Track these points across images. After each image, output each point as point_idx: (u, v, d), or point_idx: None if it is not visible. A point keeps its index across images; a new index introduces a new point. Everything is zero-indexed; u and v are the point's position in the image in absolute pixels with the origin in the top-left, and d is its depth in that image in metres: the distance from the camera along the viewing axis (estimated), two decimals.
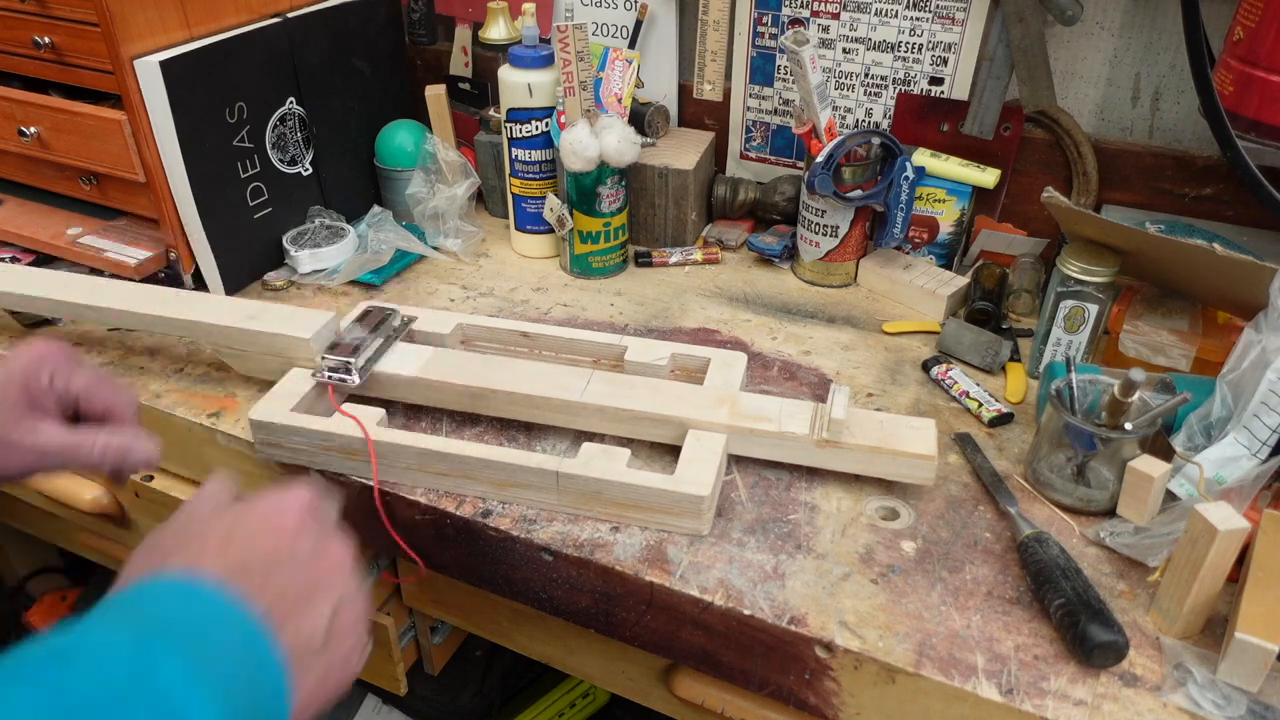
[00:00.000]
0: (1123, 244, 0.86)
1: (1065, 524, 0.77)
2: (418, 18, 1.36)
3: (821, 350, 1.01)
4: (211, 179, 1.03)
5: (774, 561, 0.74)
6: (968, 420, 0.90)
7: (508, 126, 1.14)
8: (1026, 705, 0.63)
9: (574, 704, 1.35)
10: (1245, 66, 0.83)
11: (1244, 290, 0.79)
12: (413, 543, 0.83)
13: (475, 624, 0.97)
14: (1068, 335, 0.90)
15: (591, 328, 1.03)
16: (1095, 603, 0.65)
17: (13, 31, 1.00)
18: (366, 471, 0.82)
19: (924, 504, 0.80)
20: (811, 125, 1.06)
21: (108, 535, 1.13)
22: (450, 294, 1.12)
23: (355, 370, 0.86)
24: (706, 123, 1.27)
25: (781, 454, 0.81)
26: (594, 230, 1.12)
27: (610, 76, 1.12)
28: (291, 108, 1.12)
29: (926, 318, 1.06)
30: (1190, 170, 1.02)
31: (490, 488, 0.80)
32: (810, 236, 1.11)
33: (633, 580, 0.74)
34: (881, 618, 0.69)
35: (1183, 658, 0.65)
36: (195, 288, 1.08)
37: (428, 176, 1.21)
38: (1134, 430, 0.74)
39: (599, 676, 0.93)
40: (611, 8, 1.24)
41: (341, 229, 1.17)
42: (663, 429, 0.82)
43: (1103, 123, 1.07)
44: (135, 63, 0.94)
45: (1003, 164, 1.09)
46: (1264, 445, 0.72)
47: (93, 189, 1.08)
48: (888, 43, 1.11)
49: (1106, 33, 1.02)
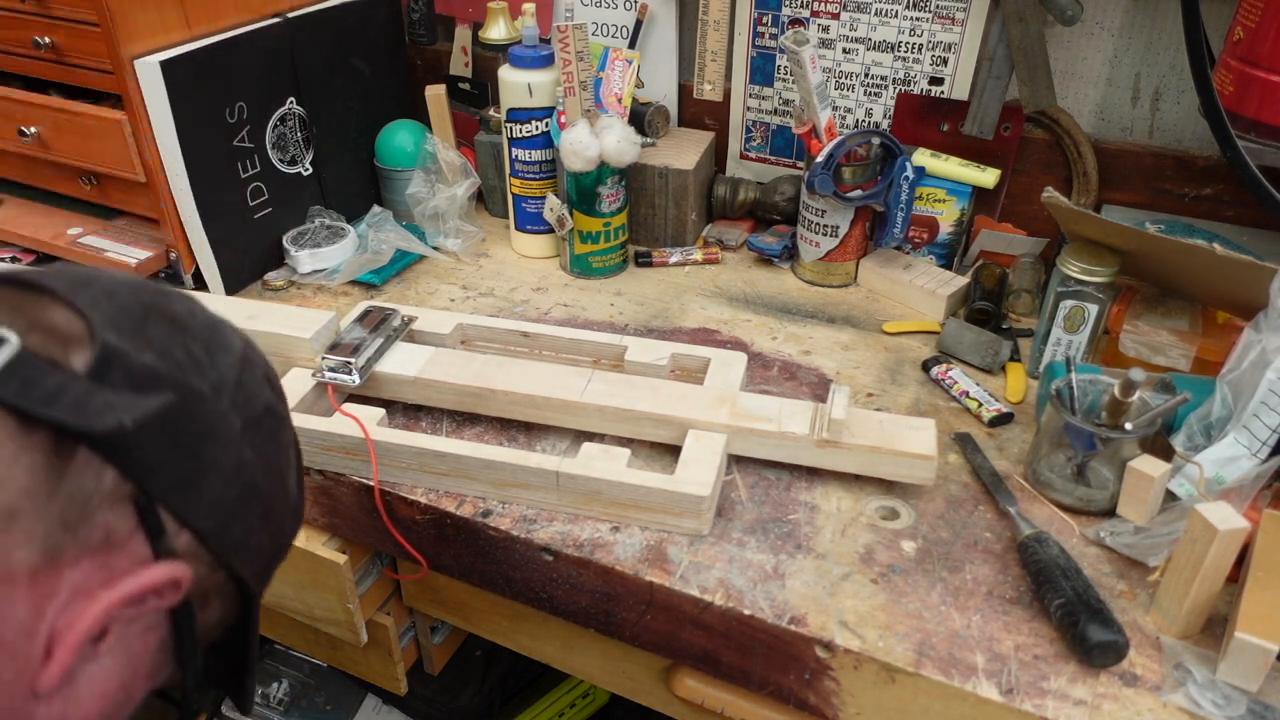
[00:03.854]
0: (1123, 244, 0.86)
1: (1065, 524, 0.77)
2: (418, 18, 1.36)
3: (821, 350, 1.01)
4: (211, 179, 1.03)
5: (774, 561, 0.74)
6: (968, 420, 0.90)
7: (508, 126, 1.14)
8: (1026, 705, 0.63)
9: (574, 704, 1.35)
10: (1245, 66, 0.83)
11: (1244, 290, 0.79)
12: (413, 542, 0.83)
13: (475, 624, 0.97)
14: (1068, 335, 0.90)
15: (591, 328, 1.03)
16: (1095, 603, 0.65)
17: (13, 31, 1.00)
18: (367, 471, 0.82)
19: (924, 504, 0.80)
20: (811, 125, 1.06)
21: None
22: (450, 294, 1.12)
23: (355, 370, 0.86)
24: (706, 123, 1.27)
25: (781, 454, 0.81)
26: (594, 230, 1.12)
27: (610, 76, 1.12)
28: (291, 108, 1.12)
29: (926, 318, 1.06)
30: (1190, 170, 1.02)
31: (490, 488, 0.80)
32: (810, 236, 1.11)
33: (633, 580, 0.74)
34: (881, 617, 0.69)
35: (1183, 657, 0.65)
36: (195, 288, 1.08)
37: (428, 176, 1.21)
38: (1134, 430, 0.74)
39: (599, 676, 0.93)
40: (611, 8, 1.24)
41: (341, 229, 1.17)
42: (663, 429, 0.82)
43: (1103, 123, 1.07)
44: (135, 63, 0.94)
45: (1003, 164, 1.09)
46: (1264, 445, 0.72)
47: (93, 189, 1.08)
48: (888, 43, 1.11)
49: (1106, 33, 1.02)
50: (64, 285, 0.46)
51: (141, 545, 0.44)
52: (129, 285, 0.49)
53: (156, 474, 0.44)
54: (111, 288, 0.48)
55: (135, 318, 0.47)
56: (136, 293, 0.49)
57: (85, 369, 0.43)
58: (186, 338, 0.48)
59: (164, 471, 0.45)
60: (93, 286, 0.47)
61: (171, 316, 0.49)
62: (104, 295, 0.46)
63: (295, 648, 1.19)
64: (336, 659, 1.06)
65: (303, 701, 1.21)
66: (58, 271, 0.48)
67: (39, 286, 0.46)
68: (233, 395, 0.49)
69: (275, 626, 1.04)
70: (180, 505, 0.46)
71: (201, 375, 0.47)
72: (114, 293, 0.47)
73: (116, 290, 0.47)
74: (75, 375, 0.43)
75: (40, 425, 0.41)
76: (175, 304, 0.50)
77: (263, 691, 1.19)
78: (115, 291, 0.47)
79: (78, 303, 0.45)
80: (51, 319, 0.45)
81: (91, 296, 0.46)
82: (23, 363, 0.42)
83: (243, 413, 0.49)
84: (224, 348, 0.50)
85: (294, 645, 1.16)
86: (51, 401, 0.41)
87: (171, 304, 0.50)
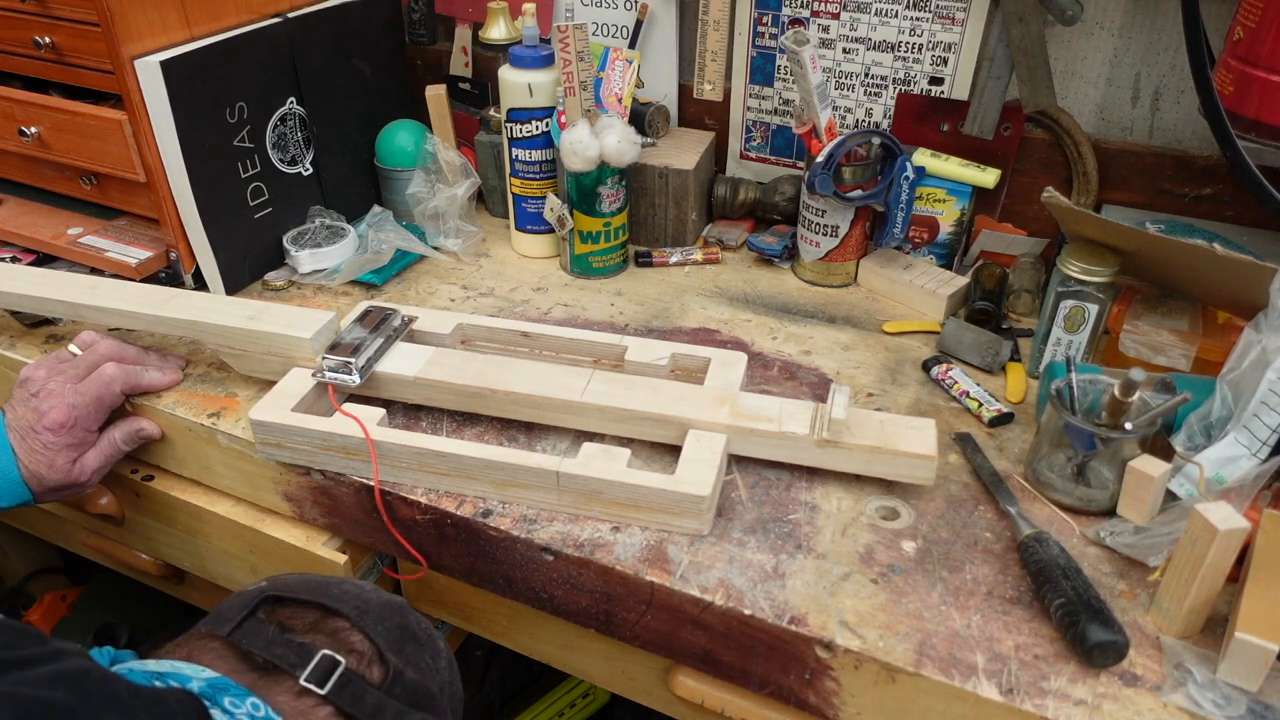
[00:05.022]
0: (1123, 244, 0.86)
1: (1065, 524, 0.77)
2: (418, 18, 1.36)
3: (821, 350, 1.01)
4: (212, 179, 1.03)
5: (774, 561, 0.74)
6: (968, 420, 0.90)
7: (508, 126, 1.14)
8: (1027, 705, 0.63)
9: (574, 704, 1.35)
10: (1245, 66, 0.83)
11: (1244, 290, 0.79)
12: (413, 542, 0.83)
13: (475, 624, 0.97)
14: (1068, 335, 0.90)
15: (592, 328, 1.03)
16: (1095, 602, 0.65)
17: (13, 31, 1.00)
18: (367, 471, 0.82)
19: (924, 504, 0.80)
20: (811, 125, 1.06)
21: (108, 535, 1.12)
22: (450, 294, 1.13)
23: (355, 370, 0.86)
24: (706, 123, 1.27)
25: (782, 454, 0.81)
26: (594, 230, 1.12)
27: (610, 76, 1.12)
28: (292, 108, 1.12)
29: (926, 318, 1.07)
30: (1190, 170, 1.02)
31: (490, 488, 0.80)
32: (810, 236, 1.11)
33: (633, 580, 0.74)
34: (882, 617, 0.69)
35: (1183, 657, 0.65)
36: (196, 288, 1.08)
37: (428, 176, 1.22)
38: (1134, 430, 0.74)
39: (599, 676, 0.93)
40: (611, 8, 1.24)
41: (342, 229, 1.17)
42: (663, 429, 0.82)
43: (1103, 123, 1.07)
44: (136, 63, 0.94)
45: (1003, 164, 1.09)
46: (1264, 445, 0.72)
47: (93, 189, 1.08)
48: (888, 43, 1.11)
49: (1106, 33, 1.02)
50: (353, 612, 0.64)
51: None
52: (387, 608, 0.67)
53: None
54: (380, 613, 0.66)
55: (398, 638, 0.65)
56: (392, 614, 0.67)
57: (380, 683, 0.61)
58: (423, 650, 0.67)
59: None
60: (369, 612, 0.65)
61: (413, 634, 0.67)
62: (378, 620, 0.65)
63: None
64: None
65: None
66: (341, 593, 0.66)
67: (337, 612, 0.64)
68: (449, 691, 0.68)
69: None
70: None
71: (435, 679, 0.66)
72: (383, 618, 0.65)
73: (383, 615, 0.66)
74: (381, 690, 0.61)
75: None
76: (411, 621, 0.68)
77: None
78: (383, 616, 0.66)
79: (368, 630, 0.63)
80: (354, 643, 0.63)
81: (372, 623, 0.64)
82: (349, 680, 0.60)
83: (451, 703, 0.68)
84: (439, 654, 0.69)
85: None
86: (376, 714, 0.60)
87: (410, 622, 0.68)
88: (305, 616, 0.63)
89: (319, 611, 0.64)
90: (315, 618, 0.64)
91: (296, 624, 0.63)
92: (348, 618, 0.64)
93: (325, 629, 0.63)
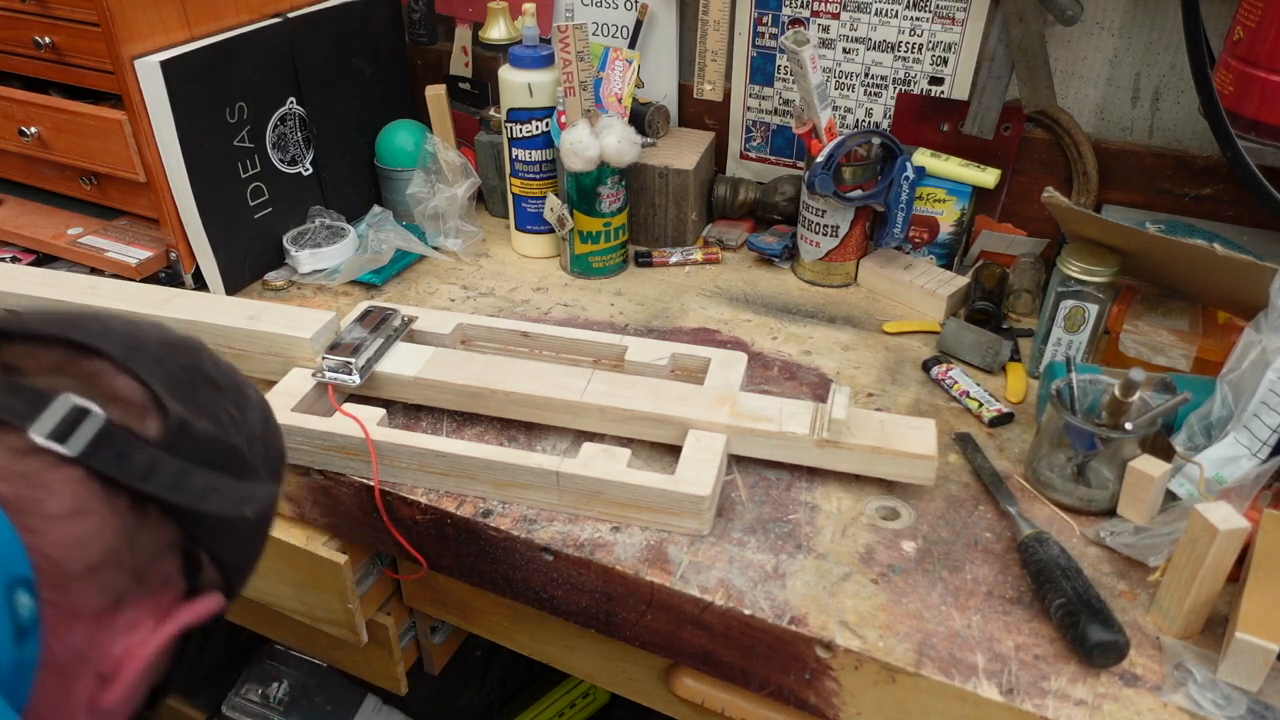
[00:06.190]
0: (1123, 244, 0.86)
1: (1065, 524, 0.77)
2: (418, 18, 1.36)
3: (821, 350, 1.01)
4: (212, 179, 1.03)
5: (774, 561, 0.74)
6: (968, 420, 0.90)
7: (508, 126, 1.14)
8: (1027, 705, 0.63)
9: (574, 704, 1.35)
10: (1245, 66, 0.83)
11: (1244, 290, 0.79)
12: (413, 542, 0.83)
13: (475, 624, 0.97)
14: (1068, 335, 0.90)
15: (592, 328, 1.03)
16: (1095, 603, 0.65)
17: (13, 31, 1.00)
18: (367, 471, 0.82)
19: (924, 504, 0.80)
20: (811, 125, 1.06)
21: None
22: (450, 294, 1.12)
23: (355, 370, 0.86)
24: (706, 123, 1.27)
25: (782, 454, 0.81)
26: (594, 230, 1.12)
27: (610, 76, 1.12)
28: (292, 108, 1.12)
29: (926, 318, 1.06)
30: (1190, 170, 1.02)
31: (491, 488, 0.80)
32: (810, 236, 1.11)
33: (633, 580, 0.74)
34: (882, 617, 0.69)
35: (1183, 657, 0.65)
36: (196, 288, 1.08)
37: (428, 176, 1.21)
38: (1134, 430, 0.74)
39: (599, 676, 0.93)
40: (611, 8, 1.24)
41: (342, 229, 1.17)
42: (663, 429, 0.82)
43: (1103, 123, 1.07)
44: (136, 63, 0.94)
45: (1003, 164, 1.09)
46: (1264, 445, 0.72)
47: (93, 189, 1.08)
48: (888, 43, 1.11)
49: (1106, 33, 1.02)
50: (118, 350, 0.48)
51: (180, 581, 0.49)
52: (170, 348, 0.52)
53: (205, 525, 0.49)
54: (159, 352, 0.51)
55: (185, 383, 0.50)
56: (177, 355, 0.52)
57: (158, 438, 0.47)
58: (223, 398, 0.53)
59: (211, 522, 0.50)
60: (143, 351, 0.50)
61: (208, 378, 0.53)
62: (155, 361, 0.50)
63: (295, 648, 1.19)
64: (336, 659, 1.06)
65: (303, 701, 1.21)
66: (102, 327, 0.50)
67: (93, 350, 0.48)
68: (261, 447, 0.54)
69: (275, 626, 1.04)
70: (217, 547, 0.51)
71: (240, 433, 0.53)
72: (162, 358, 0.50)
73: (163, 356, 0.51)
74: (158, 447, 0.47)
75: (123, 490, 0.45)
76: (206, 364, 0.54)
77: (262, 691, 1.19)
78: (163, 357, 0.50)
79: (139, 372, 0.48)
80: (119, 389, 0.48)
81: (146, 363, 0.49)
82: (110, 435, 0.45)
83: (265, 461, 0.55)
84: (249, 403, 0.55)
85: (294, 645, 1.16)
86: (147, 477, 0.46)
87: (204, 364, 0.54)
88: (45, 356, 0.47)
89: (65, 349, 0.48)
90: (60, 357, 0.47)
91: (31, 365, 0.46)
92: (109, 356, 0.48)
93: (75, 371, 0.47)
